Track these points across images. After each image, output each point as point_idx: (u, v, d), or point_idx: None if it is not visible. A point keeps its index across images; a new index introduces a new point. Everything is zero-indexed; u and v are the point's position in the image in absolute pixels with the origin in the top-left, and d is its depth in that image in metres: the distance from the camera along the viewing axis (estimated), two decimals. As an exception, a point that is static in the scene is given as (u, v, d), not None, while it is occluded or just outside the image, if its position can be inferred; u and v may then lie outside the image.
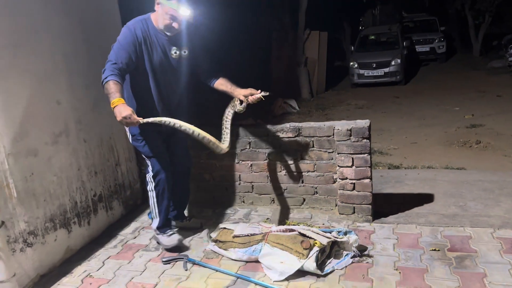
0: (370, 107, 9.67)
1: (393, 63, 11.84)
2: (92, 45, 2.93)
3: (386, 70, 11.88)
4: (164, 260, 2.62)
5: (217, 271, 2.50)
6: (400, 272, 2.36)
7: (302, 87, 11.62)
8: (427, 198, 3.41)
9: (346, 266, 2.44)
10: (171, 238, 2.72)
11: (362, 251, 2.57)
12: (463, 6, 16.22)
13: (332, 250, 2.52)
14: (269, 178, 3.26)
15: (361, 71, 12.22)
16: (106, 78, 2.22)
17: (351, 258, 2.49)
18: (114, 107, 2.16)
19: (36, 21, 2.52)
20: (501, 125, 6.94)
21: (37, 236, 2.51)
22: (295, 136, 3.10)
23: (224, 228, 2.81)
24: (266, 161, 3.22)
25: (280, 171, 3.22)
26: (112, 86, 2.19)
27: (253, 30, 11.82)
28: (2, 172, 2.27)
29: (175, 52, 2.52)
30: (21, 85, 2.40)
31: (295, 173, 3.18)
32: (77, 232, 2.85)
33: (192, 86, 2.76)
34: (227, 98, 2.74)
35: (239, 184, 3.35)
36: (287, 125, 3.13)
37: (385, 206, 3.24)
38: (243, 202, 3.38)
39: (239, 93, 2.58)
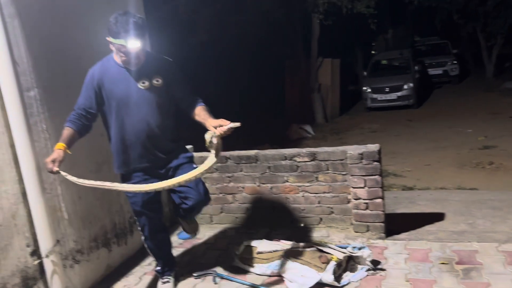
0: (384, 130, 9.91)
1: (405, 87, 12.12)
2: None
3: (399, 94, 12.16)
4: (195, 275, 2.89)
5: (243, 284, 2.77)
6: (411, 284, 2.58)
7: (316, 113, 11.97)
8: (437, 217, 3.62)
9: (361, 279, 2.67)
10: (164, 286, 2.77)
11: (375, 265, 2.80)
12: (474, 28, 16.52)
13: (348, 264, 2.76)
14: (288, 199, 3.54)
15: (374, 96, 12.52)
16: (64, 125, 2.36)
17: (366, 271, 2.72)
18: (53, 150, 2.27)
19: (83, 67, 2.91)
20: (513, 146, 7.09)
21: (83, 254, 2.83)
22: (311, 160, 3.38)
23: (248, 245, 3.07)
24: (285, 183, 3.51)
25: (298, 193, 3.49)
26: (63, 133, 2.33)
27: (267, 59, 12.30)
28: (56, 197, 2.62)
29: (144, 83, 2.39)
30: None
31: (312, 195, 3.45)
32: (116, 251, 3.16)
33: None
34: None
35: (261, 205, 3.63)
36: (303, 150, 3.43)
37: (398, 224, 3.45)
38: (264, 222, 3.65)
39: (209, 123, 2.30)
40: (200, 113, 2.42)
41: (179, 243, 3.47)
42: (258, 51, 11.87)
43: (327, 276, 2.60)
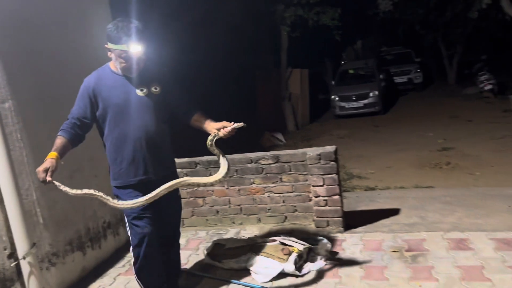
0: (351, 136, 10.32)
1: (371, 94, 12.64)
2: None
3: (365, 101, 12.67)
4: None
5: (213, 278, 2.97)
6: (364, 270, 2.84)
7: (287, 121, 12.32)
8: (393, 212, 3.92)
9: (320, 268, 2.92)
10: None
11: (334, 255, 3.05)
12: (435, 38, 17.36)
13: (308, 255, 3.00)
14: (255, 200, 3.77)
15: (342, 104, 12.99)
16: (57, 134, 2.28)
17: (325, 261, 2.97)
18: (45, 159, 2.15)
19: (57, 79, 3.09)
20: (469, 147, 7.58)
21: (59, 257, 2.97)
22: (275, 162, 3.64)
23: (217, 243, 3.28)
24: (252, 185, 3.74)
25: (264, 194, 3.73)
26: (55, 142, 2.23)
27: (238, 69, 12.58)
28: (32, 203, 2.76)
29: (142, 90, 2.34)
30: (47, 132, 2.92)
31: (277, 195, 3.70)
32: (91, 254, 3.30)
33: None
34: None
35: (229, 207, 3.85)
36: (268, 153, 3.69)
37: (357, 220, 3.73)
38: (233, 223, 3.87)
39: (212, 127, 2.33)
40: (200, 118, 2.42)
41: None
42: (229, 63, 12.13)
43: (289, 266, 2.83)
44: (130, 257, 3.47)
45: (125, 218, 2.48)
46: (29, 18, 2.92)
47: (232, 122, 2.28)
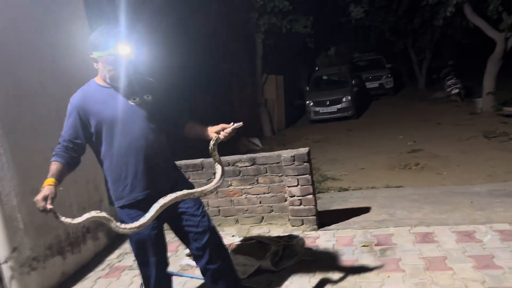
0: (326, 140, 10.57)
1: (344, 100, 12.98)
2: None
3: (339, 106, 12.99)
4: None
5: (192, 278, 3.06)
6: (336, 264, 3.00)
7: (264, 126, 12.51)
8: (364, 210, 4.11)
9: (295, 263, 3.06)
10: None
11: (308, 251, 3.21)
12: (405, 44, 17.97)
13: (284, 252, 3.15)
14: (232, 202, 3.89)
15: (317, 109, 13.28)
16: (51, 160, 2.15)
17: (299, 257, 3.12)
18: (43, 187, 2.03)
19: (33, 85, 3.15)
20: (437, 148, 7.91)
21: (39, 262, 3.01)
22: (251, 165, 3.78)
23: (196, 244, 3.38)
24: (229, 187, 3.86)
25: (241, 195, 3.86)
26: (50, 168, 2.10)
27: (214, 76, 12.70)
28: (12, 208, 2.81)
29: (134, 99, 2.22)
30: (26, 140, 2.98)
31: (253, 196, 3.83)
32: (71, 259, 3.35)
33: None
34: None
35: (208, 209, 3.96)
36: (244, 156, 3.82)
37: (330, 218, 3.90)
38: (212, 225, 3.97)
39: (211, 131, 2.25)
40: (195, 126, 2.35)
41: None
42: (205, 70, 12.25)
43: (266, 263, 2.97)
44: (110, 260, 3.56)
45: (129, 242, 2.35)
46: (4, 30, 2.98)
47: (232, 123, 2.22)
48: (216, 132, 2.23)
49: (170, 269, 2.94)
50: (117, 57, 2.11)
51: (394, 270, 2.81)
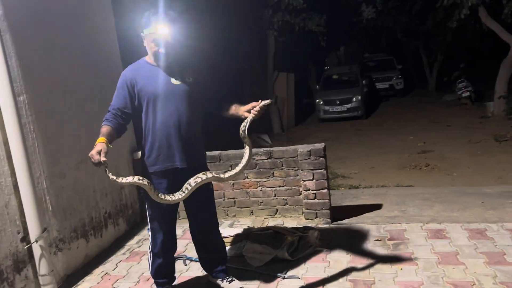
0: (335, 139, 10.65)
1: (354, 99, 13.05)
2: (104, 90, 3.65)
3: (349, 106, 13.06)
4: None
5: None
6: (350, 256, 3.10)
7: (273, 123, 12.60)
8: (376, 207, 4.20)
9: (310, 254, 3.16)
10: None
11: (322, 243, 3.30)
12: (417, 46, 17.93)
13: (299, 243, 3.24)
14: (248, 194, 4.00)
15: (326, 108, 13.36)
16: (102, 124, 2.37)
17: (314, 248, 3.22)
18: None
19: (65, 74, 3.27)
20: (447, 150, 7.98)
21: (65, 243, 3.14)
22: (268, 158, 3.88)
23: (214, 232, 3.49)
24: (246, 180, 3.97)
25: (257, 188, 3.97)
26: (101, 130, 2.30)
27: (225, 72, 12.81)
28: (42, 190, 2.94)
29: (176, 79, 2.45)
30: (55, 125, 3.11)
31: (269, 189, 3.94)
32: (93, 242, 3.48)
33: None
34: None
35: (224, 200, 4.07)
36: (261, 149, 3.93)
37: (343, 213, 4.00)
38: (227, 215, 4.09)
39: (242, 110, 2.42)
40: (231, 107, 2.51)
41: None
42: (217, 66, 12.37)
43: (282, 252, 3.07)
44: (129, 245, 3.68)
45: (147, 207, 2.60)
46: (42, 17, 3.10)
47: (260, 101, 2.35)
48: (247, 111, 2.40)
49: (189, 255, 3.11)
50: (157, 35, 2.35)
51: (407, 263, 2.90)
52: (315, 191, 3.71)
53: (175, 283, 2.88)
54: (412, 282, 2.65)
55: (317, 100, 13.67)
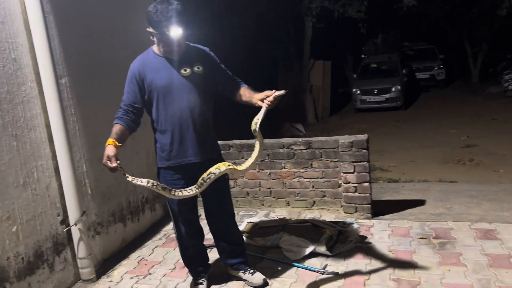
0: (372, 130, 10.32)
1: (393, 89, 12.60)
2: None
3: (387, 96, 12.64)
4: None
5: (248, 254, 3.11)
6: (393, 253, 2.95)
7: (308, 112, 12.38)
8: (419, 203, 4.00)
9: (350, 249, 3.04)
10: None
11: (363, 239, 3.17)
12: (460, 35, 17.11)
13: (338, 237, 3.13)
14: (285, 184, 3.90)
15: (364, 97, 12.98)
16: (113, 122, 2.34)
17: (354, 243, 3.09)
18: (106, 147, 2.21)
19: (104, 57, 3.25)
20: (493, 145, 7.55)
21: (103, 227, 3.16)
22: (306, 148, 3.76)
23: (250, 222, 3.43)
24: (283, 170, 3.87)
25: (294, 178, 3.86)
26: (112, 130, 2.29)
27: (261, 59, 12.67)
28: (82, 174, 2.94)
29: (185, 70, 2.35)
30: (95, 109, 3.10)
31: (306, 180, 3.82)
32: (130, 227, 3.49)
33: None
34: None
35: (259, 189, 3.99)
36: (300, 139, 3.81)
37: (383, 208, 3.83)
38: (263, 205, 4.02)
39: (256, 99, 2.31)
40: (245, 93, 2.42)
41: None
42: (252, 52, 12.24)
43: (321, 247, 2.96)
44: (166, 231, 3.67)
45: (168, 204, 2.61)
46: (83, 2, 3.08)
47: (274, 90, 2.24)
48: (261, 100, 2.28)
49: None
50: (169, 38, 2.22)
51: (455, 264, 2.73)
52: (355, 184, 3.57)
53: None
54: (461, 285, 2.49)
55: (354, 89, 13.31)
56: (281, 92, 2.22)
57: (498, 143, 7.70)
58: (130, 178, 2.16)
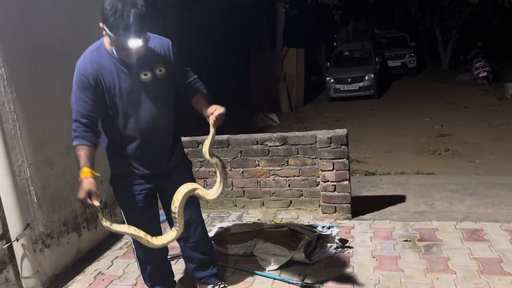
0: (347, 119, 10.18)
1: (366, 78, 12.48)
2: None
3: (360, 84, 12.51)
4: (168, 257, 2.91)
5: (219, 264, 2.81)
6: (377, 259, 2.72)
7: (281, 102, 12.10)
8: (399, 199, 3.81)
9: (330, 256, 2.79)
10: None
11: (343, 243, 2.93)
12: (431, 23, 17.16)
13: (317, 242, 2.86)
14: (259, 183, 3.61)
15: (337, 86, 12.80)
16: (72, 141, 1.97)
17: (334, 249, 2.84)
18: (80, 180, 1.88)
19: (52, 44, 2.83)
20: (467, 134, 7.53)
21: (53, 239, 2.78)
22: (282, 145, 3.47)
23: (221, 227, 3.12)
24: (257, 168, 3.57)
25: (269, 177, 3.57)
26: (78, 154, 1.93)
27: (232, 47, 12.25)
28: (25, 180, 2.55)
29: (145, 74, 2.00)
30: (41, 104, 2.70)
31: (282, 178, 3.54)
32: (86, 236, 3.12)
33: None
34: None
35: (232, 189, 3.68)
36: (275, 134, 3.51)
37: (363, 206, 3.61)
38: (236, 206, 3.72)
39: (206, 114, 2.05)
40: (198, 101, 2.13)
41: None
42: (223, 40, 11.80)
43: (298, 254, 2.70)
44: (127, 238, 3.32)
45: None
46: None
47: (215, 108, 1.98)
48: (207, 116, 2.02)
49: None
50: (126, 47, 1.83)
51: (443, 271, 2.52)
52: (334, 183, 3.31)
53: None
54: (453, 296, 2.28)
55: (328, 78, 13.11)
56: (222, 110, 1.97)
57: (472, 132, 7.68)
58: (107, 223, 1.83)
